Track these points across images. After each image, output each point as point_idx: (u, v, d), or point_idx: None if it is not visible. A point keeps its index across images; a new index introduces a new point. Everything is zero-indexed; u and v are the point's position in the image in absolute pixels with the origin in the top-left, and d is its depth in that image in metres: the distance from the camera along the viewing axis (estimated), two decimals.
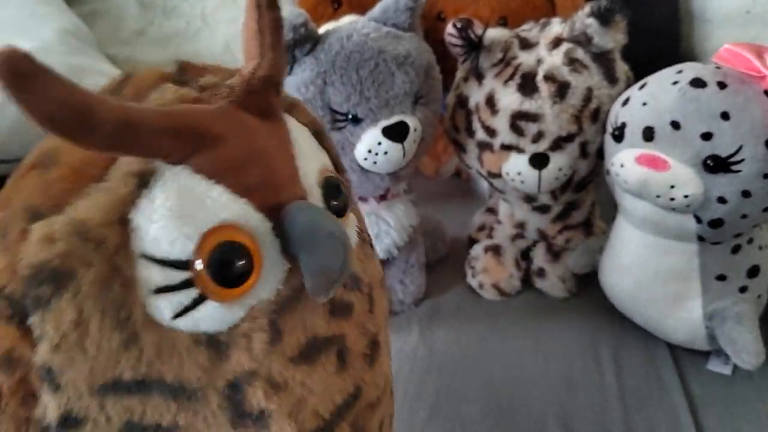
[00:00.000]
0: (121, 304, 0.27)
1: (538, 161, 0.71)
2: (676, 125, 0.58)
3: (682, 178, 0.58)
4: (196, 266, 0.28)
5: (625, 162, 0.61)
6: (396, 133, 0.67)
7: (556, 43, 0.71)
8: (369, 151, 0.67)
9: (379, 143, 0.67)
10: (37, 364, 0.28)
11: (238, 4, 1.23)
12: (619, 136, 0.63)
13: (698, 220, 0.60)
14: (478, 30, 0.72)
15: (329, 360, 0.34)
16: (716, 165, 0.56)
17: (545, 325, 0.78)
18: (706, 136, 0.56)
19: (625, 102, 0.64)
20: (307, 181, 0.33)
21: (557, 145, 0.70)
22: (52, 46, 1.03)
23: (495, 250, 0.85)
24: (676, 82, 0.59)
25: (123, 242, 0.27)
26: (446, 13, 0.92)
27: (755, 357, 0.63)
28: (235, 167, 0.30)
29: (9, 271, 0.27)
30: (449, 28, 0.73)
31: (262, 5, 0.33)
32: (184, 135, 0.28)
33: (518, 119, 0.70)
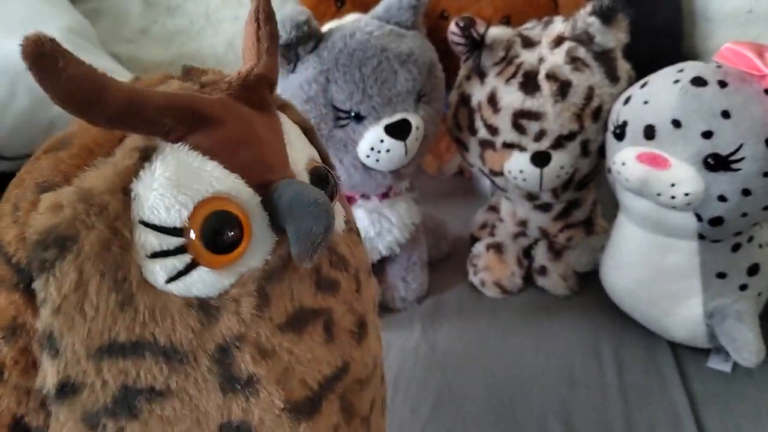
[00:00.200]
0: (118, 266, 0.29)
1: (540, 159, 0.71)
2: (676, 124, 0.58)
3: (683, 176, 0.58)
4: (191, 233, 0.30)
5: (626, 160, 0.61)
6: (398, 131, 0.67)
7: (558, 41, 0.71)
8: (371, 149, 0.68)
9: (382, 141, 0.67)
10: (39, 330, 0.29)
11: (241, 2, 1.23)
12: (620, 134, 0.64)
13: (699, 218, 0.60)
14: (480, 28, 0.72)
15: (316, 331, 0.35)
16: (717, 163, 0.57)
17: (546, 322, 0.78)
18: (707, 134, 0.56)
19: (627, 100, 0.64)
20: (297, 168, 0.36)
21: (559, 143, 0.71)
22: None
23: (497, 248, 0.85)
24: (677, 81, 0.59)
25: (124, 209, 0.29)
26: (449, 12, 0.92)
27: (755, 355, 0.63)
28: (230, 146, 0.32)
29: (17, 240, 0.29)
30: (452, 27, 0.74)
31: (260, 19, 0.37)
32: (184, 114, 0.31)
33: (520, 117, 0.70)
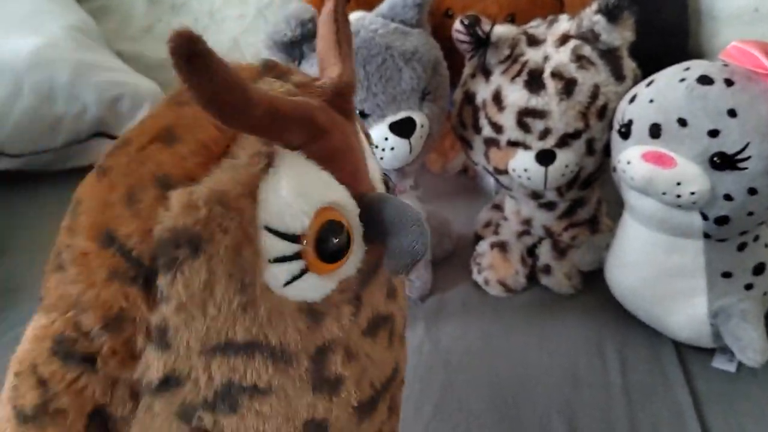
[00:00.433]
0: (247, 270, 0.30)
1: (545, 158, 0.71)
2: (682, 122, 0.58)
3: (689, 175, 0.58)
4: (306, 241, 0.31)
5: (632, 159, 0.61)
6: (403, 128, 0.68)
7: (564, 40, 0.71)
8: (376, 147, 0.68)
9: (386, 139, 0.67)
10: (152, 324, 0.29)
11: (245, 0, 1.24)
12: (625, 133, 0.63)
13: (704, 217, 0.60)
14: (485, 27, 0.72)
15: (384, 336, 0.38)
16: (723, 162, 0.56)
17: (550, 321, 0.78)
18: (713, 133, 0.56)
19: (632, 99, 0.64)
20: (374, 177, 0.37)
21: (564, 141, 0.71)
22: (60, 42, 1.04)
23: (501, 247, 0.85)
24: (683, 80, 0.59)
25: (255, 213, 0.30)
26: (454, 10, 0.92)
27: (760, 354, 0.63)
28: (338, 157, 0.33)
29: (140, 235, 0.29)
30: (457, 25, 0.73)
31: (339, 20, 0.36)
32: (307, 124, 0.31)
33: (525, 116, 0.70)
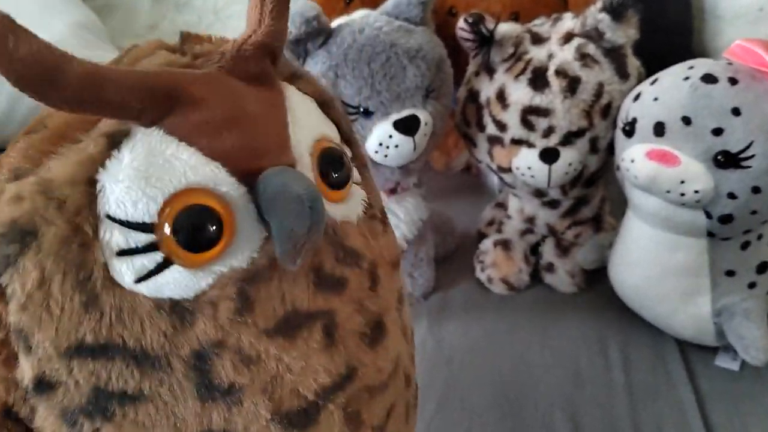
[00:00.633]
0: (80, 265, 0.27)
1: (548, 156, 0.71)
2: (687, 121, 0.58)
3: (693, 173, 0.58)
4: (164, 229, 0.28)
5: (636, 157, 0.61)
6: (407, 126, 0.68)
7: (568, 38, 0.71)
8: (380, 145, 0.68)
9: (390, 136, 0.67)
10: (11, 325, 0.28)
11: None
12: (629, 131, 0.63)
13: (708, 215, 0.60)
14: (489, 25, 0.72)
15: (312, 336, 0.32)
16: (727, 161, 0.56)
17: (553, 320, 0.78)
18: (717, 131, 0.56)
19: (637, 97, 0.64)
20: (298, 150, 0.32)
21: (567, 140, 0.71)
22: (65, 39, 1.04)
23: (504, 245, 0.85)
24: (687, 78, 0.59)
25: (87, 202, 0.27)
26: (458, 8, 0.92)
27: (763, 353, 0.63)
28: (211, 130, 0.29)
29: None
30: (461, 23, 0.74)
31: None
32: (156, 95, 0.28)
33: (529, 114, 0.70)
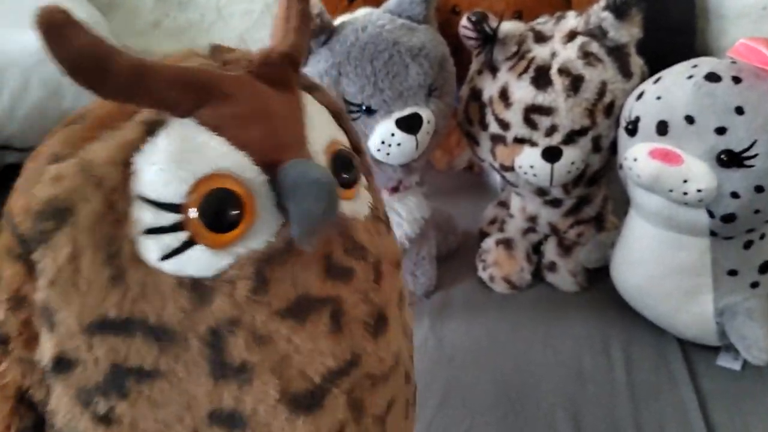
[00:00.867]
0: (111, 240, 0.28)
1: (551, 155, 0.71)
2: (690, 119, 0.58)
3: (696, 172, 0.58)
4: (189, 211, 0.29)
5: (639, 156, 0.61)
6: (409, 124, 0.67)
7: (571, 36, 0.71)
8: (382, 143, 0.68)
9: (393, 135, 0.67)
10: (37, 303, 0.29)
11: None
12: (632, 130, 0.63)
13: (711, 214, 0.60)
14: (492, 23, 0.72)
15: (321, 320, 0.33)
16: (730, 160, 0.56)
17: (555, 319, 0.78)
18: (720, 130, 0.56)
19: (640, 96, 0.64)
20: (314, 148, 0.34)
21: (570, 138, 0.71)
22: None
23: (506, 244, 0.85)
24: (690, 77, 0.59)
25: (122, 182, 0.29)
26: (461, 7, 0.92)
27: (765, 353, 0.63)
28: (239, 122, 0.31)
29: (23, 210, 0.29)
30: (464, 21, 0.73)
31: None
32: (192, 88, 0.30)
33: (531, 112, 0.70)
